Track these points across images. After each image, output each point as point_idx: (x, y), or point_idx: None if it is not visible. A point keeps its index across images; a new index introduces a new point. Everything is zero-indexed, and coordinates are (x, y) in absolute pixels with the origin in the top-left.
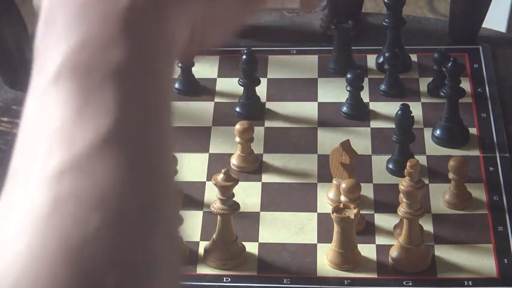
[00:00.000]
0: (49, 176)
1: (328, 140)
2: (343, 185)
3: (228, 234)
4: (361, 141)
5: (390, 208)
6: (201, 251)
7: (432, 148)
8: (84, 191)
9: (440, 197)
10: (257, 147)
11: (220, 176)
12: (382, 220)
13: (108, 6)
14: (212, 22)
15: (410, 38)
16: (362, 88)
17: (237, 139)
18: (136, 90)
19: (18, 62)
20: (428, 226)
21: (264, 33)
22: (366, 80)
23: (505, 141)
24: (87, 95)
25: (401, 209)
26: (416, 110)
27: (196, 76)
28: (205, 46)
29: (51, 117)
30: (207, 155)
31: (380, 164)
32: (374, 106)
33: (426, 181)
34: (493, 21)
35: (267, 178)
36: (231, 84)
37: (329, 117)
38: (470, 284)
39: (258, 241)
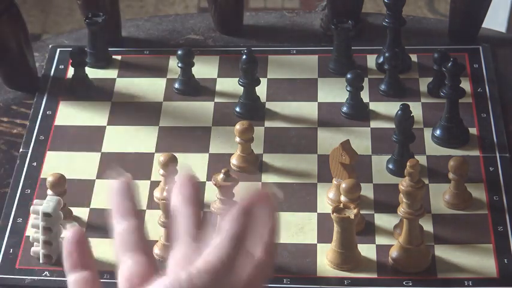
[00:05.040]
0: None
1: (328, 140)
2: (343, 185)
3: None
4: (361, 141)
5: (390, 208)
6: None
7: (432, 148)
8: None
9: (440, 197)
10: (257, 147)
11: (220, 176)
12: (382, 220)
13: None
14: None
15: (410, 38)
16: (362, 88)
17: (237, 139)
18: None
19: (18, 62)
20: (428, 226)
21: (264, 33)
22: (366, 80)
23: (505, 141)
24: None
25: (401, 209)
26: (416, 110)
27: (196, 76)
28: None
29: None
30: (207, 155)
31: (380, 164)
32: (374, 106)
33: (426, 181)
34: (493, 21)
35: (267, 178)
36: (231, 84)
37: (329, 117)
38: (470, 284)
39: None
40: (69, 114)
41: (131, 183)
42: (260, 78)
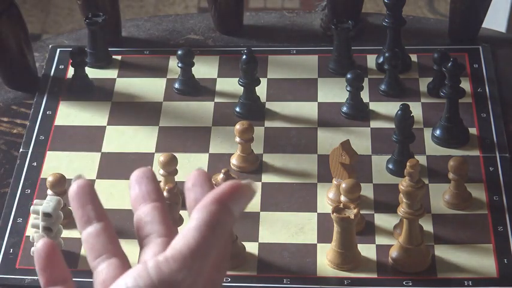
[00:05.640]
0: None
1: (328, 140)
2: (343, 185)
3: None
4: (361, 141)
5: (390, 208)
6: None
7: (432, 148)
8: None
9: (440, 197)
10: (257, 147)
11: (220, 176)
12: (382, 220)
13: None
14: None
15: (410, 38)
16: (362, 88)
17: (237, 139)
18: None
19: (18, 62)
20: (428, 226)
21: (264, 33)
22: (366, 80)
23: (505, 141)
24: None
25: (401, 209)
26: (416, 110)
27: (196, 76)
28: None
29: None
30: (207, 155)
31: (380, 164)
32: (374, 106)
33: (426, 181)
34: (493, 21)
35: (267, 178)
36: (231, 84)
37: (329, 117)
38: (470, 284)
39: (258, 241)
40: (69, 114)
41: (89, 185)
42: (260, 78)
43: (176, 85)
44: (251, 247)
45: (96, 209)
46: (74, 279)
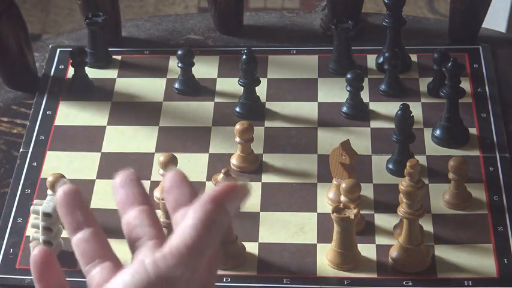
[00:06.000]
0: None
1: (328, 140)
2: (343, 185)
3: (228, 234)
4: (361, 141)
5: (390, 208)
6: None
7: (432, 148)
8: None
9: (440, 197)
10: (257, 147)
11: (220, 176)
12: (382, 220)
13: None
14: None
15: (410, 38)
16: (362, 88)
17: (237, 139)
18: None
19: (18, 62)
20: (428, 226)
21: (264, 33)
22: (366, 80)
23: (505, 141)
24: None
25: (401, 209)
26: (416, 110)
27: (196, 76)
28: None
29: None
30: (207, 155)
31: (380, 164)
32: (374, 106)
33: (426, 181)
34: (493, 21)
35: (267, 178)
36: (231, 84)
37: (329, 117)
38: (470, 284)
39: (258, 241)
40: (69, 114)
41: (75, 191)
42: (260, 78)
43: (176, 85)
44: (251, 247)
45: (85, 214)
46: (73, 279)
